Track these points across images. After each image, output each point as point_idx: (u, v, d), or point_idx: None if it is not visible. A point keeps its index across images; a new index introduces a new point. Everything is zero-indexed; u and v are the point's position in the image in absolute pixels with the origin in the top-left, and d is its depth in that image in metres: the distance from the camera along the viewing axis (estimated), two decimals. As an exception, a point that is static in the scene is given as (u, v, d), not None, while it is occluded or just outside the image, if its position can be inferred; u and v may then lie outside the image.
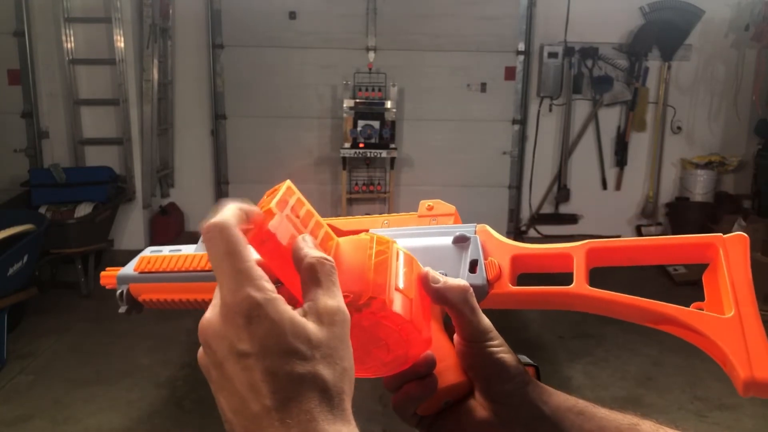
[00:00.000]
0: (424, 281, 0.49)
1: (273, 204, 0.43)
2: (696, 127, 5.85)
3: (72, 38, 4.97)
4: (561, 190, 5.89)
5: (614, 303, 0.51)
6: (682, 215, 5.77)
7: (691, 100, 5.80)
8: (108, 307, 4.26)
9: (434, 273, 0.50)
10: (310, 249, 0.42)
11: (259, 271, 0.39)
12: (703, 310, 0.49)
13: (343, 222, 0.63)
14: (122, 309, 0.61)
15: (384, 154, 5.25)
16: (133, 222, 5.18)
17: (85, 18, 4.97)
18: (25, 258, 3.53)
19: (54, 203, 4.54)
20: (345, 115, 5.29)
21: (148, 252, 0.63)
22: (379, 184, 5.56)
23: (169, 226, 5.40)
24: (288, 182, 0.46)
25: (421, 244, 0.57)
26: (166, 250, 0.62)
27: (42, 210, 4.45)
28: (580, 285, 0.52)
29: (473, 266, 0.55)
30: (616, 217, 5.98)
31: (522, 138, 5.80)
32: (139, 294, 0.61)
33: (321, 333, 0.39)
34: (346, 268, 0.45)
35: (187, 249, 0.62)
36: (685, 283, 4.81)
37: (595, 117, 5.76)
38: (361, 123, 5.25)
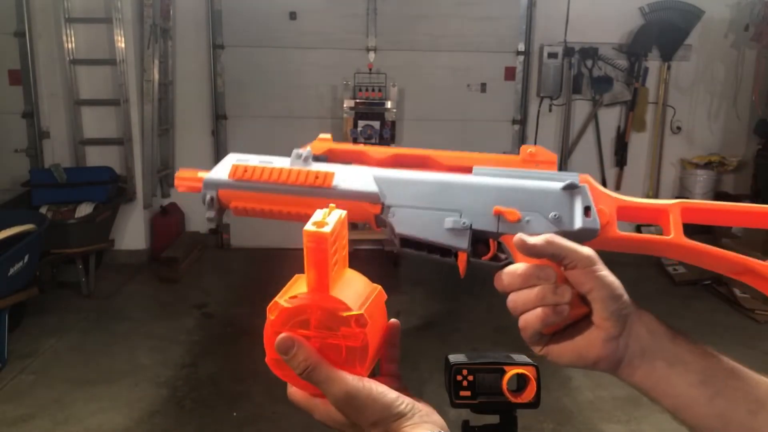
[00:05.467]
0: (520, 245, 0.57)
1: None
2: (696, 127, 5.86)
3: (73, 38, 4.97)
4: (561, 190, 5.89)
5: (706, 254, 0.60)
6: (682, 215, 5.77)
7: (691, 101, 5.80)
8: (108, 307, 4.28)
9: (524, 237, 0.57)
10: None
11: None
12: None
13: (445, 156, 0.65)
14: (210, 214, 0.63)
15: (384, 154, 5.25)
16: (133, 222, 5.17)
17: (85, 18, 4.97)
18: (26, 258, 3.53)
19: (55, 203, 4.54)
20: (345, 115, 5.29)
21: (235, 160, 0.63)
22: (379, 184, 5.56)
23: (170, 226, 5.40)
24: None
25: (530, 185, 0.62)
26: (254, 160, 0.63)
27: (43, 210, 4.44)
28: (678, 236, 0.60)
29: (586, 212, 0.61)
30: (616, 217, 5.97)
31: (522, 138, 5.80)
32: (231, 201, 0.62)
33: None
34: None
35: (279, 161, 0.63)
36: (685, 283, 4.83)
37: (595, 117, 5.76)
38: (361, 123, 5.25)
